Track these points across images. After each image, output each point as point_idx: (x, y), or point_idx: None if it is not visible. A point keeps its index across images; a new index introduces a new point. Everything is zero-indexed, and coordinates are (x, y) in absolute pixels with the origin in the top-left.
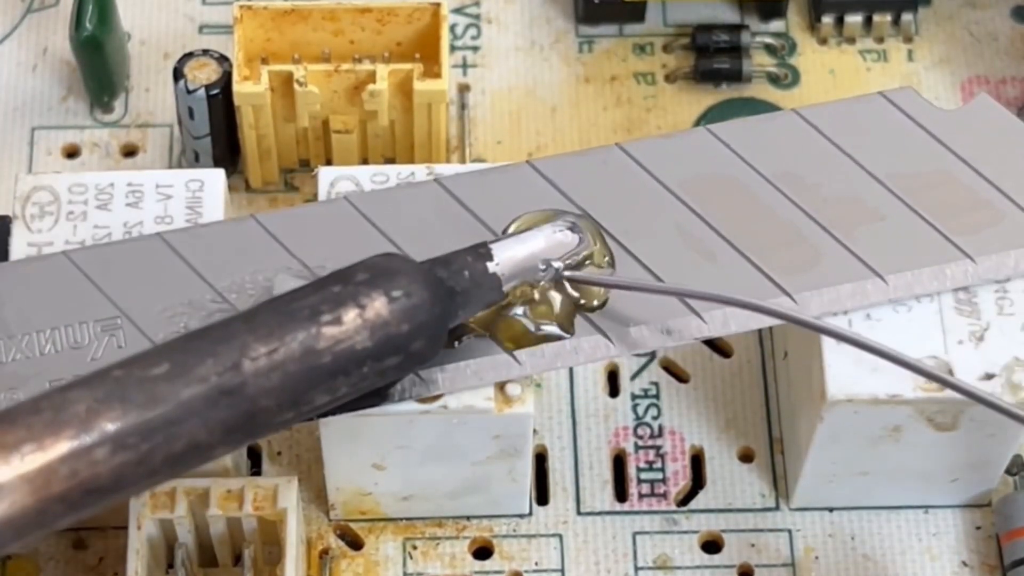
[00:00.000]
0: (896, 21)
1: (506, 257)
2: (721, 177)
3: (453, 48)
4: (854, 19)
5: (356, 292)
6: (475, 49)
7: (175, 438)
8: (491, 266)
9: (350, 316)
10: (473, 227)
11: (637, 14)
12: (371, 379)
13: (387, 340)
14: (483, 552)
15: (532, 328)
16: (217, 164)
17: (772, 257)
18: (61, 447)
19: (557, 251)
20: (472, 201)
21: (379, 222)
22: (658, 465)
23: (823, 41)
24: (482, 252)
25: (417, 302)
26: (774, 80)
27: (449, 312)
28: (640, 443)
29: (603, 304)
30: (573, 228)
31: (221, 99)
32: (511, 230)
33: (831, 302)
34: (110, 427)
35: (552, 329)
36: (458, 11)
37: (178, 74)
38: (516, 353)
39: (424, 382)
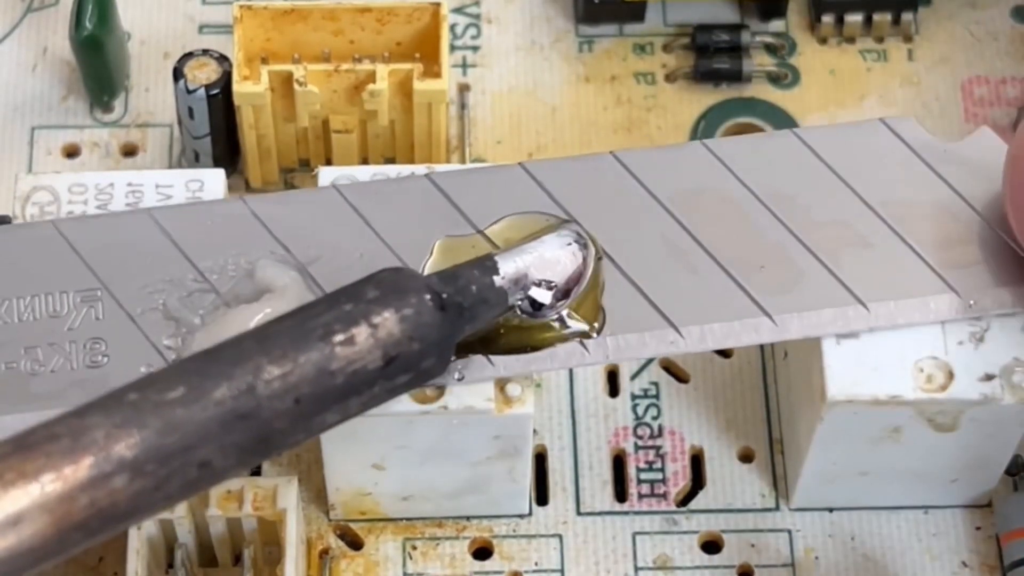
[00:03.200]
0: (896, 21)
1: (511, 270)
2: (712, 192)
3: (453, 48)
4: (854, 18)
5: (368, 310)
6: (475, 49)
7: (191, 463)
8: (497, 280)
9: (363, 336)
10: (460, 224)
11: (637, 14)
12: (381, 397)
13: (398, 359)
14: (483, 552)
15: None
16: (217, 164)
17: (756, 276)
18: (80, 476)
19: (561, 264)
20: (461, 199)
21: (367, 213)
22: (658, 465)
23: (823, 41)
24: (488, 266)
25: (428, 320)
26: (774, 80)
27: (457, 328)
28: (640, 443)
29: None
30: (578, 240)
31: (221, 99)
32: (496, 229)
33: (811, 326)
34: (128, 454)
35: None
36: (458, 11)
37: (178, 74)
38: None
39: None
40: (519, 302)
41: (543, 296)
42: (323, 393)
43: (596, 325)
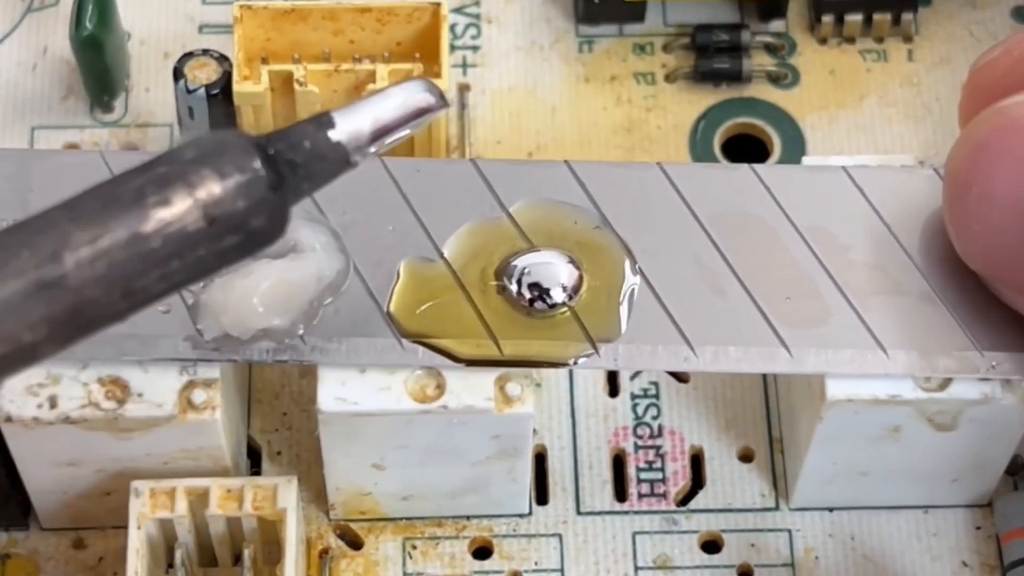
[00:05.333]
0: (896, 21)
1: (353, 125)
2: (752, 218)
3: (453, 48)
4: (854, 18)
5: (185, 171)
6: (475, 49)
7: None
8: (333, 135)
9: (179, 196)
10: (496, 212)
11: (637, 14)
12: (210, 261)
13: (222, 219)
14: (483, 552)
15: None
16: None
17: (780, 306)
18: None
19: (408, 112)
20: (501, 188)
21: (406, 189)
22: (658, 465)
23: (823, 41)
24: (323, 121)
25: (252, 177)
26: (774, 80)
27: (291, 186)
28: (640, 443)
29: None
30: (429, 90)
31: (221, 99)
32: (521, 208)
33: (827, 363)
34: None
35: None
36: (458, 11)
37: (178, 74)
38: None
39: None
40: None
41: (557, 294)
42: (139, 258)
43: (609, 336)
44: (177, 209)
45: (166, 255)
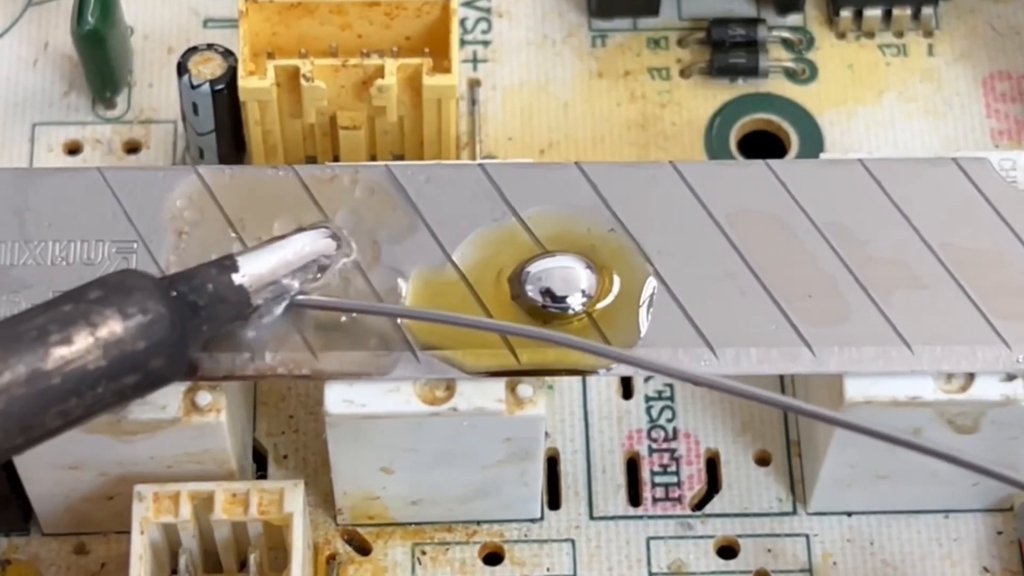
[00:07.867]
0: (916, 15)
1: (255, 268)
2: (769, 215)
3: (463, 42)
4: (873, 13)
5: (88, 310)
6: (486, 43)
7: None
8: (237, 278)
9: (81, 335)
10: (507, 216)
11: (651, 7)
12: (109, 399)
13: (122, 359)
14: (493, 558)
15: None
16: (222, 161)
17: (801, 304)
18: None
19: (309, 259)
20: (511, 192)
21: (414, 195)
22: (673, 469)
23: (841, 35)
24: (227, 264)
25: (154, 318)
26: (791, 75)
27: (192, 328)
28: (654, 446)
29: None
30: (333, 235)
31: (226, 94)
32: (534, 214)
33: (851, 361)
34: None
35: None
36: (468, 5)
37: (182, 69)
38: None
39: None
40: (263, 299)
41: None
42: (39, 395)
43: (628, 342)
44: (78, 348)
45: (65, 393)
